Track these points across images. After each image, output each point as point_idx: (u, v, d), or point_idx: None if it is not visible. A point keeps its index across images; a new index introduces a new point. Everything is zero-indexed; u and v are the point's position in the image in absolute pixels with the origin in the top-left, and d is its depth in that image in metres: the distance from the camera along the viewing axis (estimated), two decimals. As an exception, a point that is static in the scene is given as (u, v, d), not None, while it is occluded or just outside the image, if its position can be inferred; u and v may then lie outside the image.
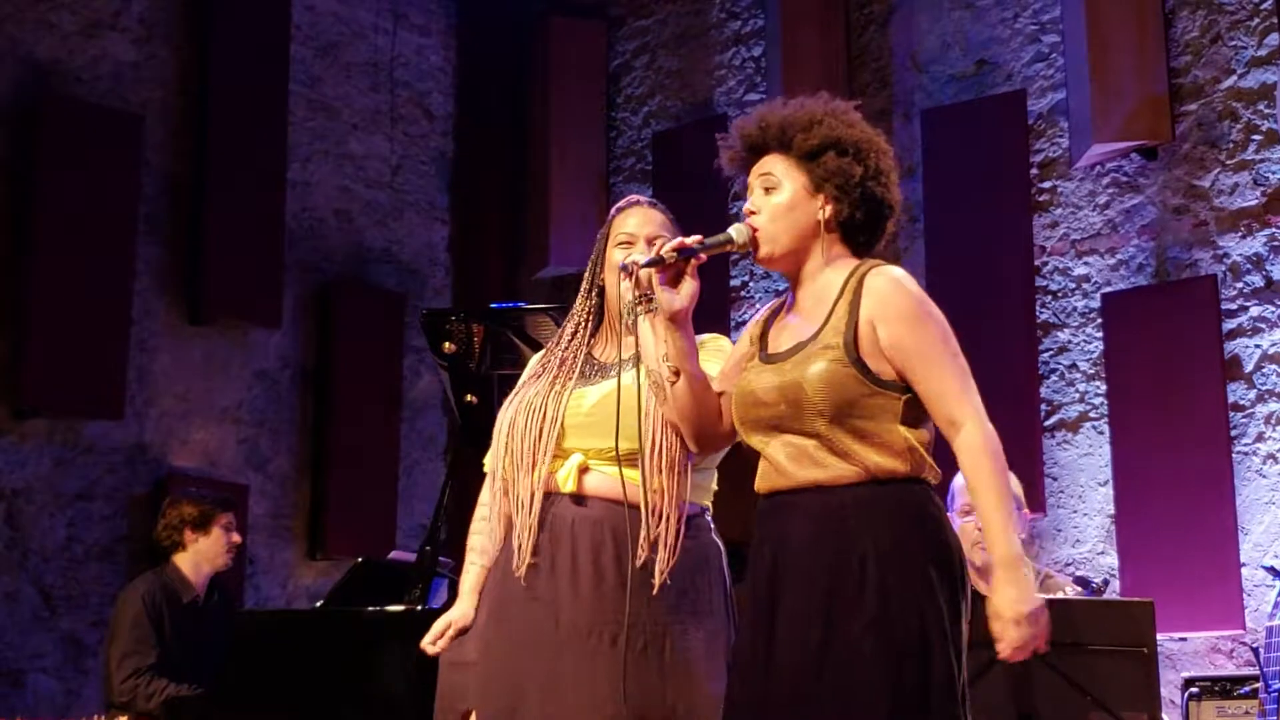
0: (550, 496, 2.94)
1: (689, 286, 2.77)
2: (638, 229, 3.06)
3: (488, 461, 3.09)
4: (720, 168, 2.97)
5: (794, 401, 2.65)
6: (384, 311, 7.73)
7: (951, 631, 2.61)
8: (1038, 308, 6.67)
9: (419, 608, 4.36)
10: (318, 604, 5.46)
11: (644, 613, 2.85)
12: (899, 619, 2.56)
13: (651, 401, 2.89)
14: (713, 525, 3.02)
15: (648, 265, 2.75)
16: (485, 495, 3.08)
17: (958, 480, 4.44)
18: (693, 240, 2.77)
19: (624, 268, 2.80)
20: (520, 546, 2.89)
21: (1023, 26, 7.00)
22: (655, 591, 2.84)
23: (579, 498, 2.91)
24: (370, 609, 4.54)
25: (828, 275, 2.76)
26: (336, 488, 7.39)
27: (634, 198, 3.19)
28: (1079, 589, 4.30)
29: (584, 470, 2.93)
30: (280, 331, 7.37)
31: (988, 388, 2.79)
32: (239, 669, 4.74)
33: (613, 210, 3.17)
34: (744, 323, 7.32)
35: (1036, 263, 6.72)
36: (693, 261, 2.76)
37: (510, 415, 3.01)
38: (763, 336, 2.83)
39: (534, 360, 3.16)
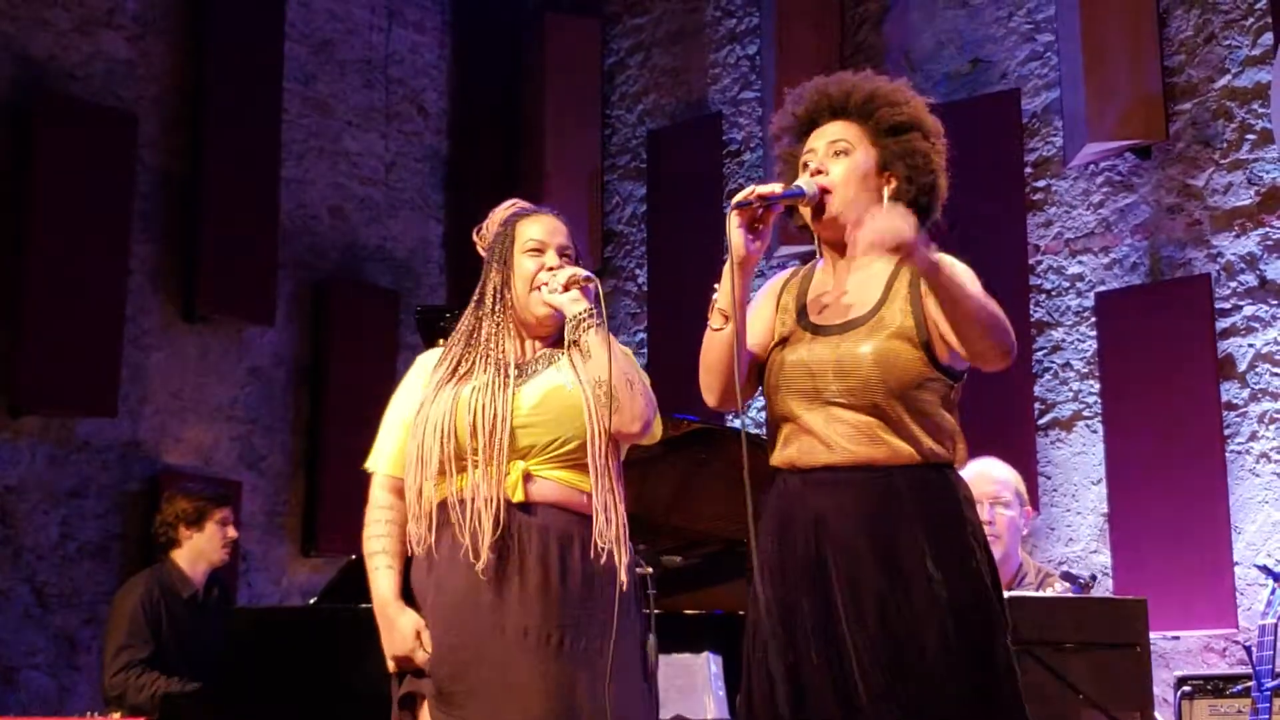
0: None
1: (762, 241, 2.72)
2: (547, 237, 3.10)
3: (384, 464, 3.07)
4: (776, 132, 2.93)
5: (853, 375, 2.62)
6: (378, 309, 7.73)
7: (1006, 610, 2.63)
8: (1032, 306, 6.68)
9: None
10: (311, 601, 5.46)
11: (589, 615, 2.87)
12: (964, 601, 2.56)
13: (593, 403, 2.93)
14: None
15: (737, 207, 2.70)
16: (382, 497, 3.05)
17: (961, 475, 4.46)
18: (771, 189, 2.72)
19: (738, 205, 2.73)
20: (474, 550, 2.88)
21: (1017, 25, 7.01)
22: (605, 593, 2.87)
23: (526, 505, 2.92)
24: (363, 606, 4.53)
25: (875, 261, 2.74)
26: (330, 485, 7.38)
27: (523, 204, 3.22)
28: (1066, 585, 4.30)
29: (528, 477, 2.93)
30: (274, 329, 7.36)
31: (981, 386, 2.81)
32: (232, 666, 4.74)
33: (508, 215, 3.19)
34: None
35: (1030, 261, 6.73)
36: (770, 212, 2.72)
37: (441, 416, 2.97)
38: (800, 306, 2.78)
39: (429, 362, 3.14)
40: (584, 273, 3.00)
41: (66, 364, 6.45)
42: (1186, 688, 5.16)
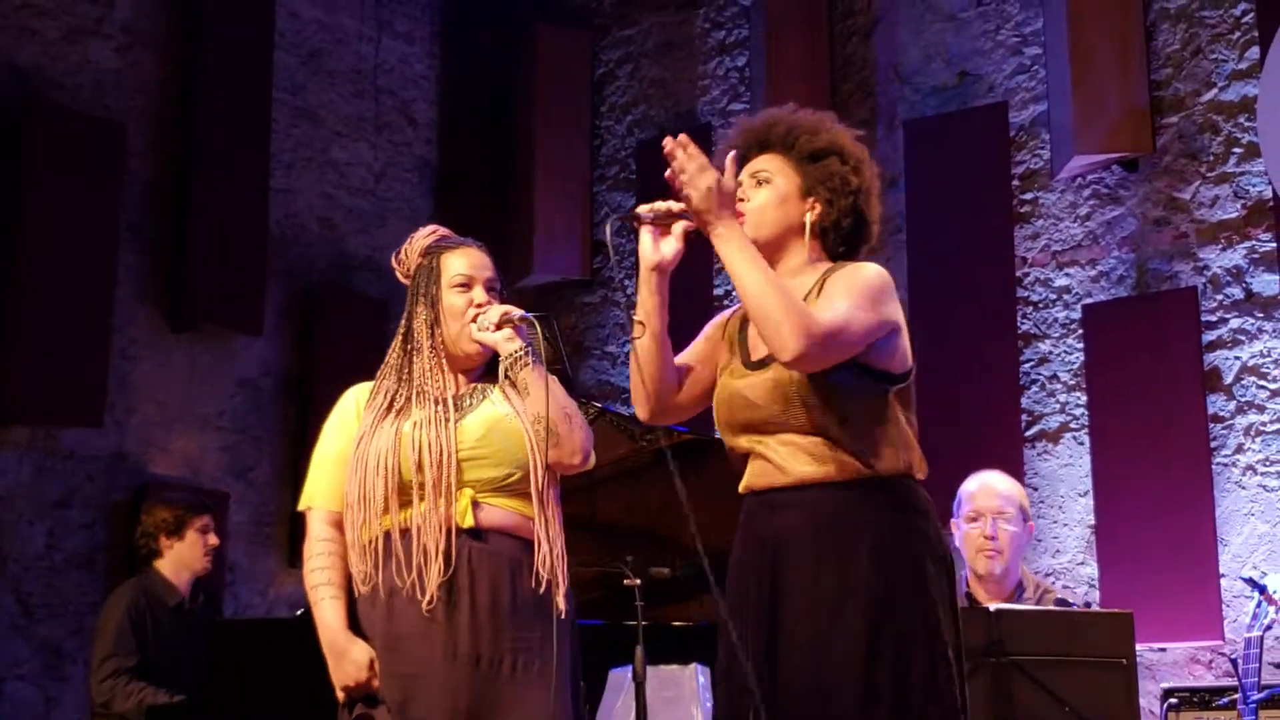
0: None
1: (675, 245, 2.79)
2: (474, 271, 3.15)
3: (320, 499, 3.09)
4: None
5: (788, 400, 2.68)
6: (367, 319, 7.72)
7: (949, 628, 2.65)
8: (1019, 318, 6.69)
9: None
10: (298, 612, 5.45)
11: (540, 638, 2.92)
12: (904, 617, 2.60)
13: (533, 438, 2.99)
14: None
15: (654, 220, 2.78)
16: (322, 530, 3.07)
17: (964, 487, 4.48)
18: (652, 206, 2.80)
19: (631, 215, 2.81)
20: (422, 580, 2.91)
21: (1005, 39, 7.03)
22: (551, 617, 2.91)
23: (476, 531, 2.96)
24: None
25: (804, 277, 2.80)
26: (318, 496, 7.36)
27: (443, 232, 3.25)
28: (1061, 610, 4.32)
29: (476, 504, 2.97)
30: (262, 339, 7.35)
31: (969, 397, 2.83)
32: (218, 677, 4.73)
33: (428, 244, 3.22)
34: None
35: (1018, 273, 6.74)
36: (684, 224, 2.78)
37: (383, 452, 3.00)
38: (742, 341, 2.85)
39: (358, 397, 3.17)
40: (517, 311, 3.09)
41: (53, 374, 6.43)
42: (1173, 700, 5.17)
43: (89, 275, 6.64)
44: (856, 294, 2.66)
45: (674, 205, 2.75)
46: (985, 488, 4.47)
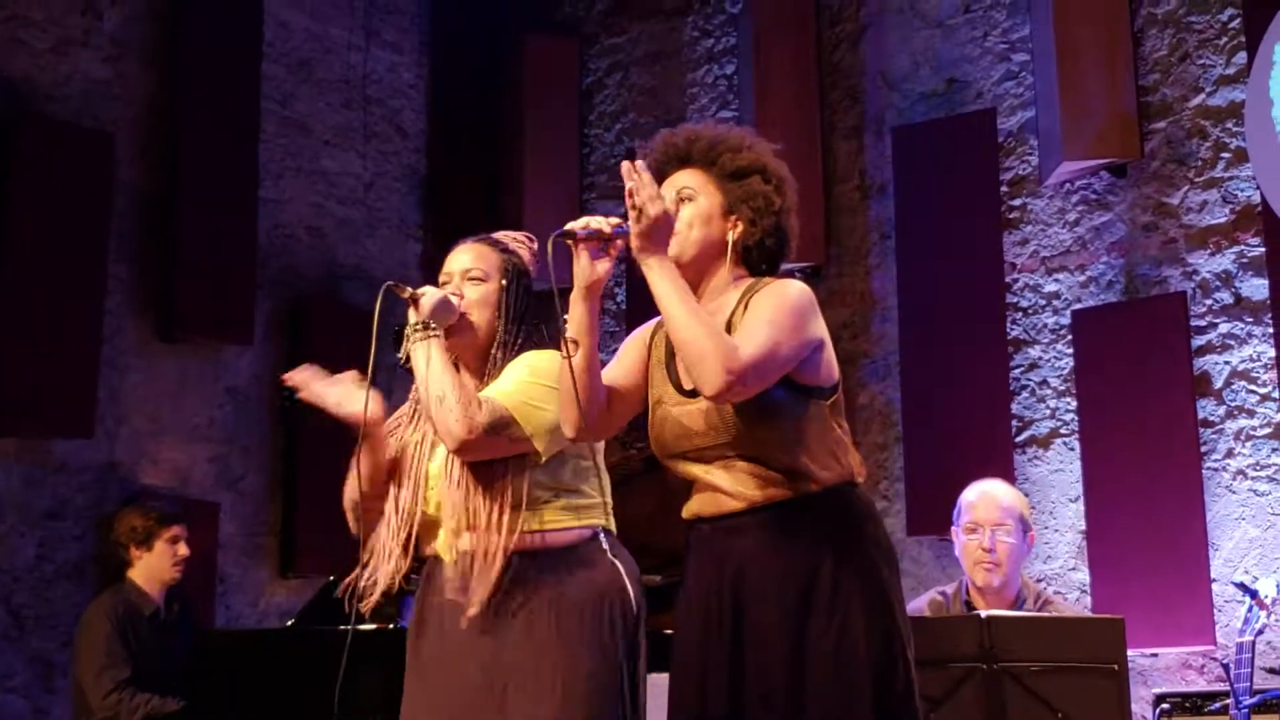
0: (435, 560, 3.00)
1: (608, 264, 2.81)
2: (452, 265, 3.15)
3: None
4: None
5: (723, 427, 2.68)
6: (357, 328, 7.66)
7: (905, 629, 2.68)
8: (1008, 324, 6.70)
9: (391, 626, 4.35)
10: (289, 623, 5.44)
11: (509, 655, 2.87)
12: (867, 626, 2.62)
13: (446, 463, 2.95)
14: (608, 546, 3.01)
15: (587, 237, 2.76)
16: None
17: (964, 496, 4.47)
18: (617, 221, 2.79)
19: (568, 233, 2.78)
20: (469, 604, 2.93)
21: (992, 45, 7.04)
22: (517, 633, 2.87)
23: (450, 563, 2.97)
24: (342, 628, 4.52)
25: (728, 296, 2.80)
26: (308, 506, 7.35)
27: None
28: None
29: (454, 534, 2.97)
30: (252, 349, 7.34)
31: (958, 403, 2.83)
32: (210, 689, 4.72)
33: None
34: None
35: (1007, 279, 6.75)
36: (617, 241, 2.79)
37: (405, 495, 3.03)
38: (671, 367, 2.83)
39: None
40: (429, 290, 3.04)
41: (43, 385, 6.41)
42: (1165, 705, 5.17)
43: (78, 285, 6.63)
44: (780, 318, 2.66)
45: (605, 225, 2.76)
46: (985, 498, 4.45)
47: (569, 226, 2.75)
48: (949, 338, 6.68)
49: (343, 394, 3.07)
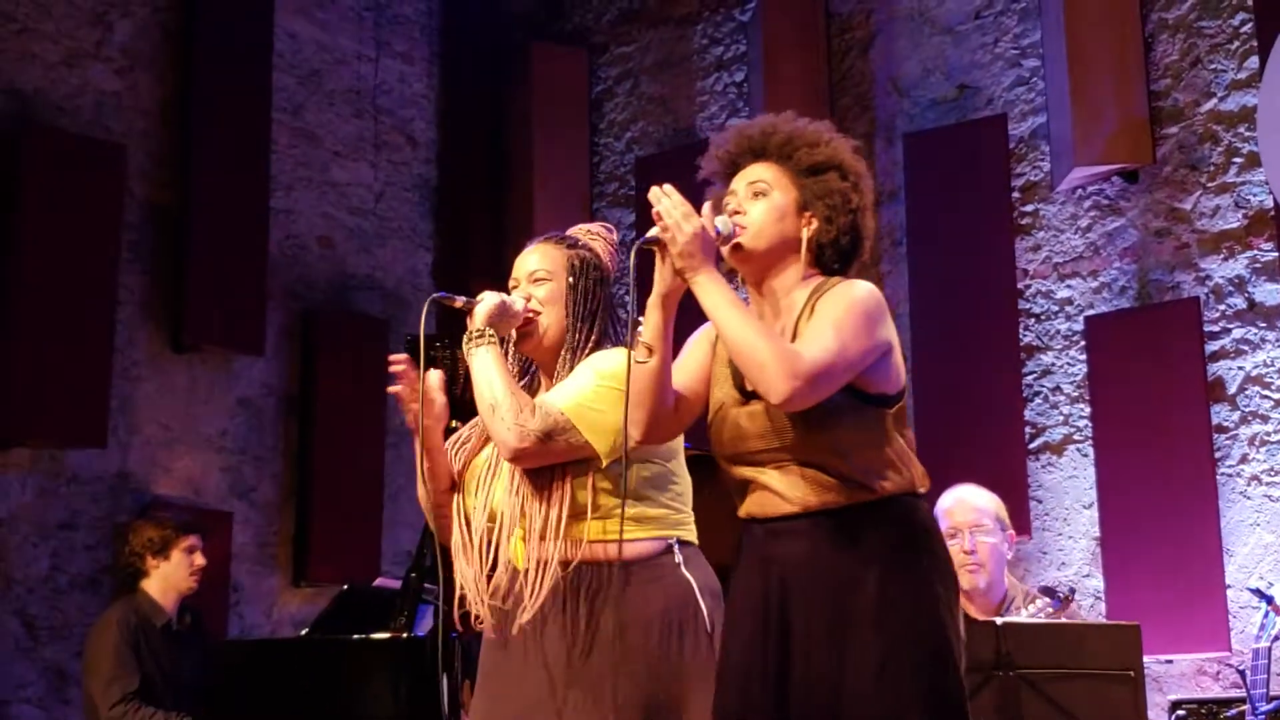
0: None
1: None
2: (517, 271, 3.06)
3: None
4: (707, 177, 2.95)
5: (783, 431, 2.63)
6: (368, 338, 7.72)
7: (958, 646, 2.62)
8: (1021, 331, 6.68)
9: (405, 635, 4.35)
10: (303, 632, 5.44)
11: (569, 670, 2.79)
12: (914, 638, 2.56)
13: (510, 470, 2.88)
14: (683, 559, 2.89)
15: (646, 243, 2.69)
16: None
17: (940, 504, 4.46)
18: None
19: (646, 241, 2.70)
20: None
21: (1003, 51, 7.04)
22: (582, 646, 2.79)
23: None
24: (356, 636, 4.53)
25: (796, 295, 2.75)
26: (321, 515, 7.36)
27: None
28: (1046, 600, 4.30)
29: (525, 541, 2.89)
30: (264, 359, 7.35)
31: (972, 410, 2.79)
32: (225, 699, 4.72)
33: None
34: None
35: (1019, 286, 6.74)
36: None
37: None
38: (735, 366, 2.75)
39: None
40: (486, 295, 2.94)
41: (55, 395, 6.43)
42: (1181, 712, 5.16)
43: (90, 297, 6.64)
44: (847, 319, 2.61)
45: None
46: (960, 503, 4.46)
47: (652, 233, 2.69)
48: (961, 344, 6.67)
49: (428, 400, 3.00)
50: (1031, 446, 6.57)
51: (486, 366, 2.88)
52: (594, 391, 2.85)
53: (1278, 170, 6.01)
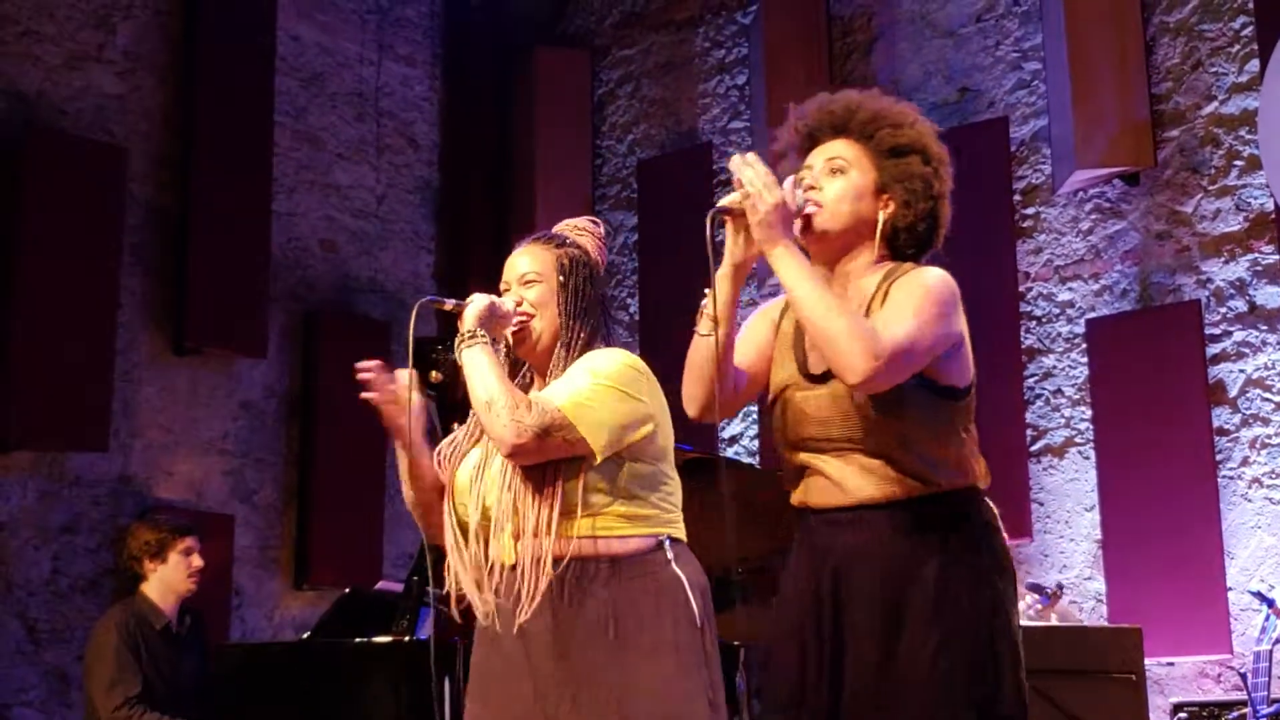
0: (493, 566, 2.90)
1: (756, 245, 2.62)
2: (508, 274, 3.02)
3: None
4: (781, 149, 2.85)
5: (850, 417, 2.57)
6: (370, 341, 7.71)
7: (1018, 643, 2.56)
8: (1022, 333, 6.69)
9: (407, 638, 4.35)
10: (305, 635, 5.44)
11: (564, 667, 2.77)
12: (971, 634, 2.51)
13: (502, 467, 2.85)
14: (673, 556, 2.86)
15: (720, 211, 2.62)
16: None
17: None
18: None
19: (719, 209, 2.65)
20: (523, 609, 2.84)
21: (1004, 54, 7.04)
22: (574, 641, 2.77)
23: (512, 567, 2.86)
24: (358, 640, 4.52)
25: (868, 279, 2.67)
26: (322, 518, 7.36)
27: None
28: (1035, 596, 4.29)
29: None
30: (265, 362, 7.36)
31: (974, 413, 2.74)
32: (226, 702, 4.72)
33: None
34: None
35: (1021, 288, 6.74)
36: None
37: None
38: (798, 346, 2.70)
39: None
40: (476, 298, 2.91)
41: (57, 398, 6.43)
42: (1182, 714, 5.16)
43: (92, 299, 6.64)
44: (923, 306, 2.54)
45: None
46: None
47: (724, 202, 2.61)
48: (962, 347, 6.67)
49: (400, 402, 3.01)
50: (1033, 449, 6.57)
51: (480, 365, 2.87)
52: (590, 390, 2.84)
53: (1278, 173, 6.01)
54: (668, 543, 2.88)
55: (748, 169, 2.55)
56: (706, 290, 2.65)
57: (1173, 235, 6.42)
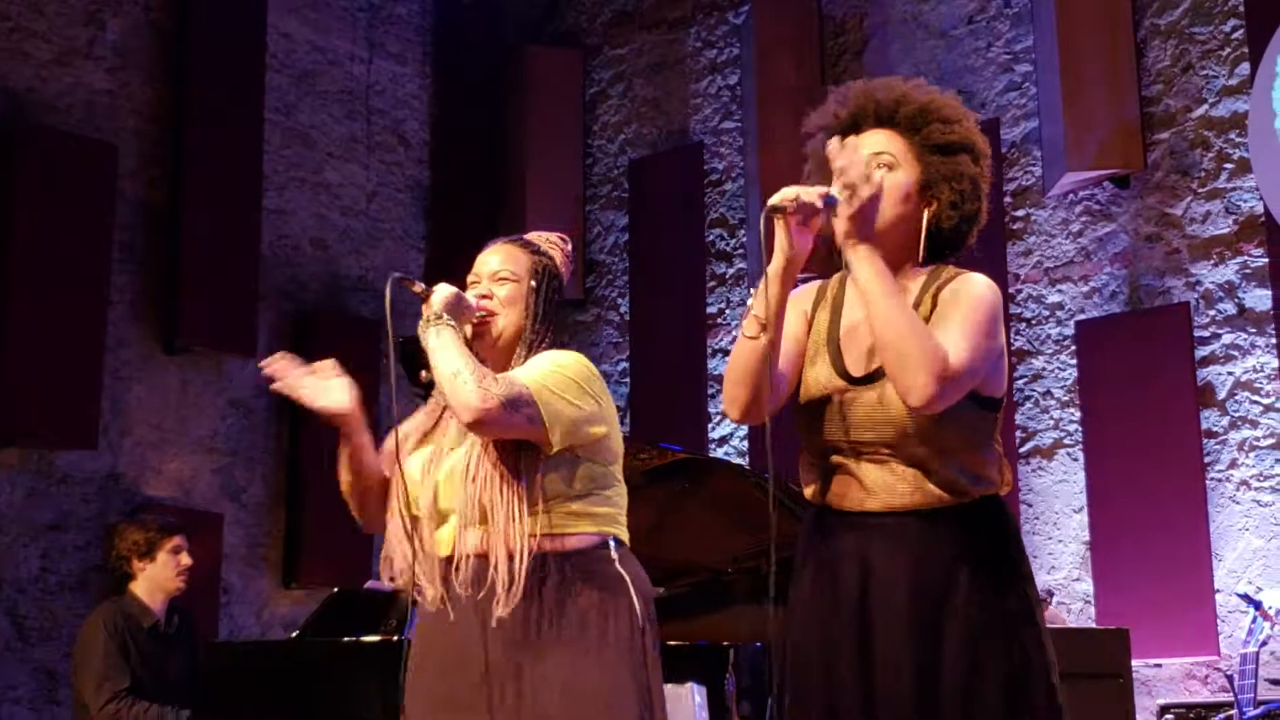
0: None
1: (810, 239, 2.52)
2: (480, 267, 3.08)
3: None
4: (812, 129, 2.73)
5: (892, 425, 2.50)
6: (360, 340, 7.71)
7: (1051, 651, 2.53)
8: (1012, 335, 6.70)
9: (395, 637, 4.35)
10: (293, 634, 5.44)
11: (512, 657, 2.80)
12: (1004, 642, 2.47)
13: (465, 456, 2.87)
14: (618, 556, 2.88)
15: (797, 210, 2.47)
16: None
17: None
18: (825, 191, 2.48)
19: (772, 209, 2.51)
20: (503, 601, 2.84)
21: (995, 56, 7.05)
22: (521, 633, 2.79)
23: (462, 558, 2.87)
24: (346, 639, 4.52)
25: (911, 282, 2.58)
26: (311, 517, 7.36)
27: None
28: None
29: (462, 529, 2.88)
30: (255, 360, 7.34)
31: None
32: (214, 700, 4.72)
33: None
34: (721, 350, 7.35)
35: (1010, 290, 6.75)
36: (814, 219, 2.50)
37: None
38: (833, 337, 2.62)
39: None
40: (442, 286, 2.95)
41: (46, 396, 6.43)
42: (1169, 716, 5.17)
43: (81, 297, 6.64)
44: (982, 323, 2.47)
45: (814, 198, 2.45)
46: None
47: (774, 201, 2.46)
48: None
49: (318, 387, 3.05)
50: (1022, 450, 6.59)
51: (447, 343, 2.89)
52: (554, 377, 2.88)
53: (1268, 176, 6.03)
54: (613, 543, 2.91)
55: (848, 157, 2.43)
56: (752, 290, 2.55)
57: (1162, 238, 6.43)
